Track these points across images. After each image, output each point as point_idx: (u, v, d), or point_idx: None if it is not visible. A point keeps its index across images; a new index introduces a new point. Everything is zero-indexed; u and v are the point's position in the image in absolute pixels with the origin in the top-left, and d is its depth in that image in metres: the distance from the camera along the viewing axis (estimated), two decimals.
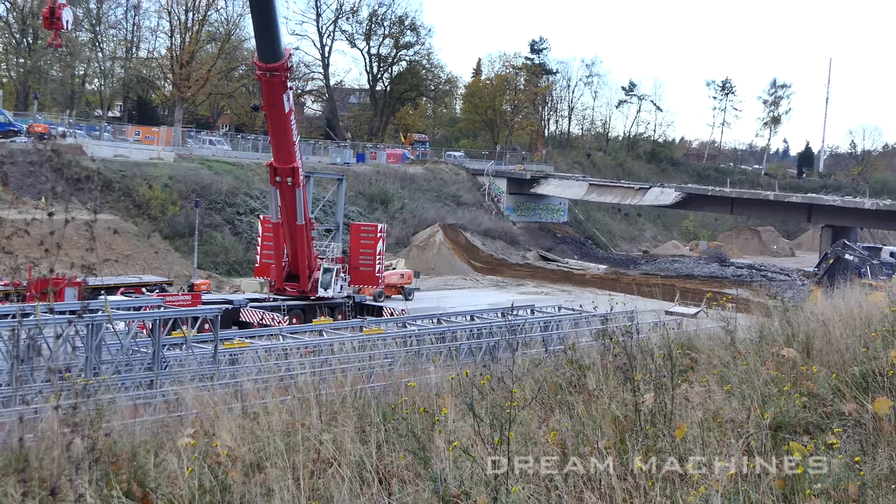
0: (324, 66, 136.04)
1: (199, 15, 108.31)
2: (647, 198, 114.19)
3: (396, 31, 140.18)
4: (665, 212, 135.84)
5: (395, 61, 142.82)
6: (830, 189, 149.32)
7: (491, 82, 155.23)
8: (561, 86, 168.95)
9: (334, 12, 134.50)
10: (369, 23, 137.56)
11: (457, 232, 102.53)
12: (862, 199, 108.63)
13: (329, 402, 10.78)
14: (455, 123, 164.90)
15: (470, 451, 7.83)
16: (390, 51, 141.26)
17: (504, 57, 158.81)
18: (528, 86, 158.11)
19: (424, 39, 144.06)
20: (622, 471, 7.72)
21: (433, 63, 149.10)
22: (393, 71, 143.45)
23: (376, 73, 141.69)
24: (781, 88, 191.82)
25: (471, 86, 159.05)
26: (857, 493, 7.40)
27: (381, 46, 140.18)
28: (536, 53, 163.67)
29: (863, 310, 13.67)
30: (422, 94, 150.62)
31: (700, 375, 11.16)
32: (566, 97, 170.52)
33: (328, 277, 58.30)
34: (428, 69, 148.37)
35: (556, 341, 34.54)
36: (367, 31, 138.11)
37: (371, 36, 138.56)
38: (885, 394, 9.49)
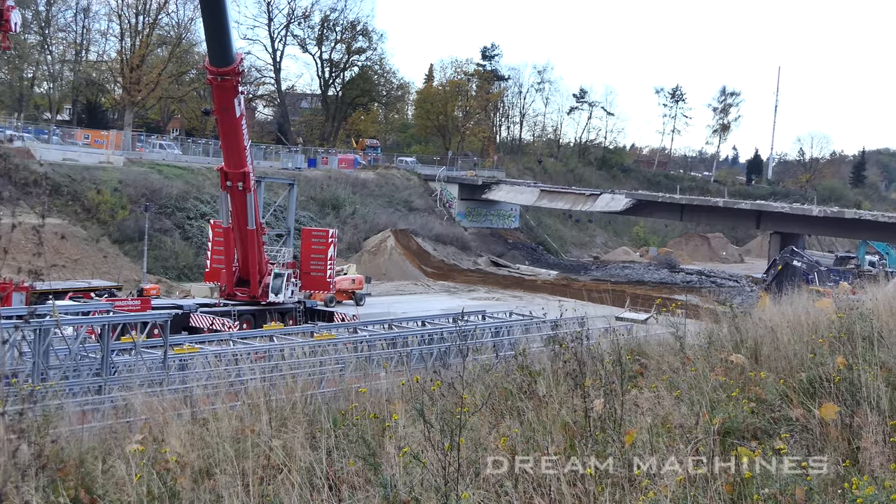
0: (275, 71, 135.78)
1: (149, 18, 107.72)
2: (597, 204, 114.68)
3: (348, 37, 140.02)
4: (616, 218, 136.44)
5: (346, 66, 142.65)
6: (779, 196, 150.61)
7: (443, 88, 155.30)
8: (513, 92, 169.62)
9: (286, 17, 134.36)
10: (321, 28, 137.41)
11: (408, 237, 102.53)
12: (810, 207, 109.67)
13: (279, 408, 10.75)
14: (407, 129, 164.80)
15: (420, 457, 7.83)
16: (342, 56, 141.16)
17: (456, 63, 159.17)
18: (480, 92, 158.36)
19: (376, 45, 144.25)
20: (572, 476, 7.74)
21: (385, 69, 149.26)
22: (345, 76, 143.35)
23: (328, 79, 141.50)
24: (731, 96, 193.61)
25: (423, 91, 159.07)
26: (804, 498, 7.47)
27: (332, 51, 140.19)
28: (488, 60, 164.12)
29: (810, 316, 13.78)
30: (374, 100, 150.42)
31: (649, 381, 11.21)
32: (518, 103, 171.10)
33: (279, 282, 58.06)
34: (380, 75, 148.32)
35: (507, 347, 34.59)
36: (318, 36, 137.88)
37: (323, 41, 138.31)
38: (831, 399, 9.58)
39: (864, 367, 9.92)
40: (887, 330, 12.97)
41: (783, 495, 7.51)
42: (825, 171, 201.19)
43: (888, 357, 11.45)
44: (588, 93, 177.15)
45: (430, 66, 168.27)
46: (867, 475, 7.74)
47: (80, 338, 32.80)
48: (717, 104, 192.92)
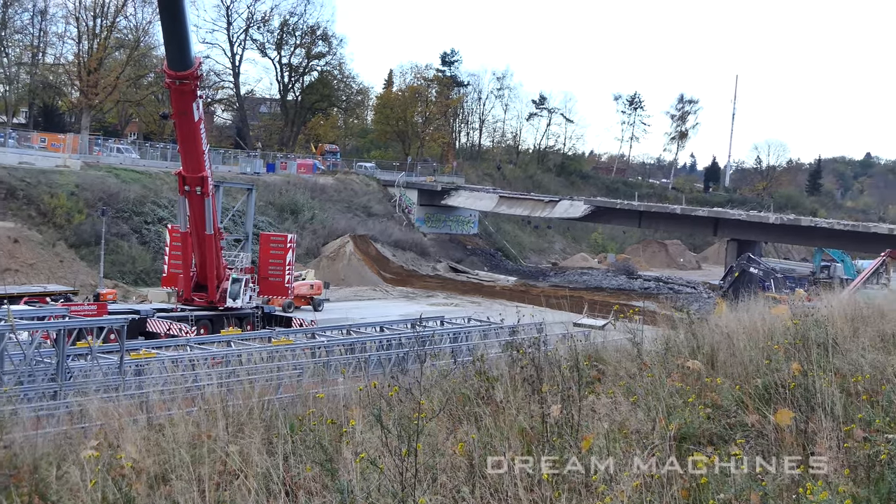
0: (234, 75, 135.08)
1: (107, 21, 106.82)
2: (556, 210, 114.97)
3: (308, 41, 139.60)
4: (574, 224, 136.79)
5: (306, 71, 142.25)
6: (736, 203, 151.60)
7: (402, 94, 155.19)
8: (472, 98, 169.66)
9: (245, 21, 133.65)
10: (281, 32, 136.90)
11: (367, 243, 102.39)
12: (767, 214, 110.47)
13: (236, 414, 10.72)
14: (366, 134, 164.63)
15: (377, 463, 7.83)
16: (302, 60, 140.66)
17: (416, 68, 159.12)
18: (440, 98, 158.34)
19: (336, 50, 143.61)
20: (529, 481, 7.75)
21: (345, 73, 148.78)
22: (304, 81, 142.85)
23: (287, 83, 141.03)
24: (689, 104, 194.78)
25: (382, 97, 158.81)
26: (760, 503, 7.51)
27: (292, 56, 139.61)
28: (448, 66, 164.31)
29: (766, 323, 13.88)
30: (333, 105, 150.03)
31: (607, 387, 11.25)
32: (477, 109, 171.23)
33: (237, 288, 57.82)
34: (340, 79, 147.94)
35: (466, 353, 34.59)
36: (278, 40, 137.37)
37: (282, 45, 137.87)
38: (786, 405, 9.65)
39: (818, 374, 10.00)
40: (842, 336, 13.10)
41: (738, 500, 7.56)
42: (782, 179, 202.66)
43: (842, 363, 11.56)
44: (547, 99, 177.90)
45: (389, 72, 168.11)
46: (821, 480, 7.80)
47: (35, 343, 32.50)
48: (675, 112, 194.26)
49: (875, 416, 9.35)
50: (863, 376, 10.78)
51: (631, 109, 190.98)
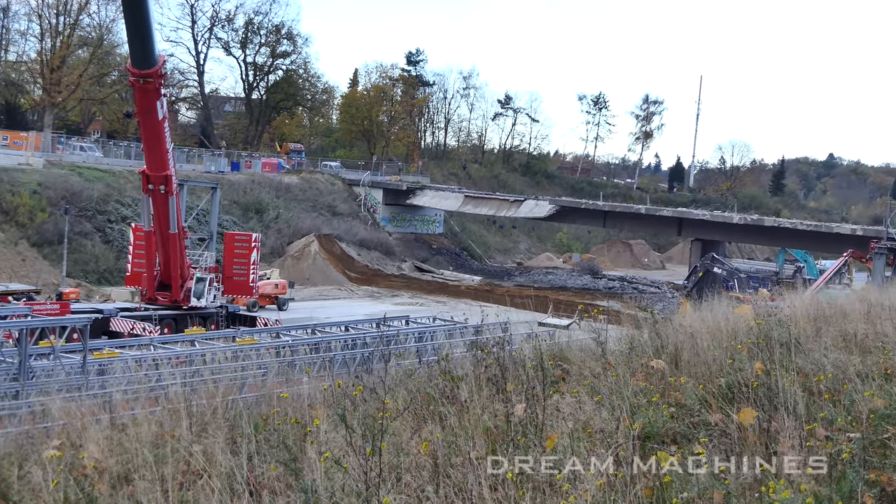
0: (199, 74, 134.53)
1: (70, 19, 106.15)
2: (521, 210, 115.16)
3: (273, 40, 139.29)
4: (539, 224, 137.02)
5: (271, 70, 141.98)
6: (700, 203, 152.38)
7: (368, 93, 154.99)
8: (437, 97, 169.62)
9: (210, 20, 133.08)
10: (245, 31, 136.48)
11: (332, 242, 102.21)
12: (730, 214, 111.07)
13: (200, 413, 10.68)
14: (331, 133, 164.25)
15: (342, 462, 7.81)
16: (266, 59, 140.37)
17: (381, 68, 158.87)
18: (405, 97, 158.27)
19: (301, 49, 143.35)
20: (493, 481, 7.76)
21: (310, 73, 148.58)
22: (269, 80, 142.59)
23: (252, 82, 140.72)
24: (654, 104, 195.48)
25: (347, 96, 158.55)
26: (723, 502, 7.54)
27: (257, 55, 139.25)
28: (413, 65, 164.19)
29: (729, 322, 13.95)
30: (298, 104, 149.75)
31: (571, 386, 11.26)
32: (443, 109, 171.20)
33: (201, 287, 57.62)
34: (304, 79, 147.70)
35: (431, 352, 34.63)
36: (243, 39, 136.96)
37: (247, 44, 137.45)
38: (749, 404, 9.69)
39: (781, 373, 10.05)
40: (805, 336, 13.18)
41: (702, 499, 7.58)
42: (745, 179, 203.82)
43: (805, 363, 11.63)
44: (513, 99, 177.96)
45: (354, 71, 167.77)
46: (784, 479, 7.84)
47: None
48: (640, 112, 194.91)
49: (837, 415, 9.41)
50: (825, 376, 10.85)
51: (595, 109, 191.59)
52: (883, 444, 8.83)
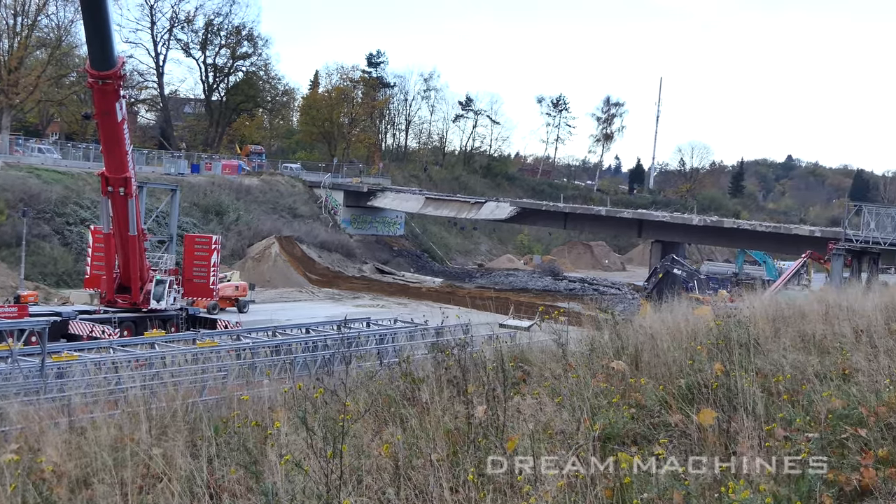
0: (158, 75, 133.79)
1: (28, 20, 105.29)
2: (482, 212, 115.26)
3: (233, 42, 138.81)
4: (500, 226, 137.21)
5: (231, 71, 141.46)
6: (660, 205, 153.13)
7: (328, 95, 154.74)
8: (398, 99, 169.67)
9: (169, 21, 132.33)
10: (205, 32, 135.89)
11: (293, 244, 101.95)
12: (690, 216, 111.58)
13: (160, 417, 10.63)
14: (292, 135, 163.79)
15: (302, 465, 7.79)
16: (227, 61, 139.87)
17: (342, 69, 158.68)
18: (366, 99, 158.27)
19: (261, 50, 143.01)
20: (454, 483, 7.76)
21: (270, 74, 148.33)
22: (229, 81, 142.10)
23: (212, 83, 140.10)
24: (614, 106, 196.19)
25: (308, 98, 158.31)
26: (683, 502, 7.58)
27: (217, 56, 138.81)
28: (374, 67, 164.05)
29: (689, 323, 14.02)
30: (258, 106, 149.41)
31: (532, 388, 11.28)
32: (403, 111, 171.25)
33: (161, 289, 57.35)
34: (265, 80, 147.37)
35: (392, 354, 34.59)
36: (202, 40, 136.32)
37: (207, 45, 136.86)
38: (709, 405, 9.75)
39: (740, 374, 10.11)
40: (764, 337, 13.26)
41: (662, 500, 7.62)
42: (705, 181, 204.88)
43: (764, 363, 11.71)
44: (473, 101, 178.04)
45: (315, 73, 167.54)
46: (743, 479, 7.89)
47: None
48: (600, 114, 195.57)
49: (795, 416, 9.48)
50: (784, 376, 10.93)
51: (556, 112, 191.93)
52: (841, 444, 8.91)
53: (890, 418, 9.48)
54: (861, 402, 9.90)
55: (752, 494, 7.41)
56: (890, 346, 12.79)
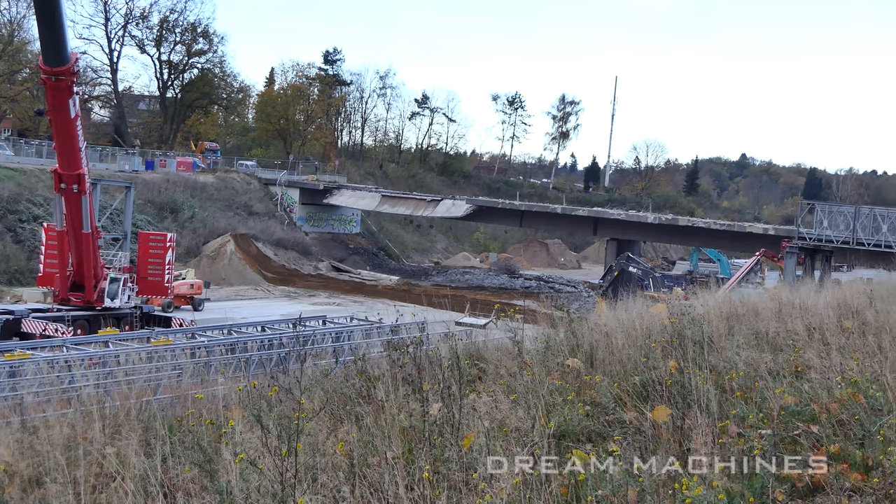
0: (112, 72, 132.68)
1: None
2: (438, 210, 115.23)
3: (188, 38, 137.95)
4: (456, 224, 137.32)
5: (186, 68, 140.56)
6: (616, 203, 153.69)
7: (284, 92, 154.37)
8: (354, 97, 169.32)
9: (124, 17, 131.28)
10: (160, 29, 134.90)
11: (248, 242, 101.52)
12: (645, 214, 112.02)
13: (113, 415, 10.57)
14: (247, 132, 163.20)
15: (257, 463, 7.77)
16: (182, 58, 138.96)
17: (298, 67, 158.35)
18: (322, 96, 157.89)
19: (217, 47, 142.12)
20: (409, 480, 7.76)
21: (226, 71, 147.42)
22: (184, 78, 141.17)
23: (167, 80, 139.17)
24: (570, 105, 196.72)
25: (264, 95, 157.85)
26: (637, 499, 7.61)
27: (172, 53, 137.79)
28: (330, 64, 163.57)
29: (644, 321, 14.09)
30: (213, 102, 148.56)
31: (488, 385, 11.31)
32: (360, 108, 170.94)
33: (115, 287, 56.95)
34: (220, 77, 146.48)
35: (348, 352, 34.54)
36: (157, 37, 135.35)
37: (162, 42, 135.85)
38: (663, 402, 9.80)
39: (694, 371, 10.18)
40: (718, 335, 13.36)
41: (616, 497, 7.65)
42: (660, 179, 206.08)
43: (718, 361, 11.80)
44: (430, 99, 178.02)
45: (271, 70, 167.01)
46: (697, 476, 7.94)
47: None
48: (556, 112, 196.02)
49: (749, 412, 9.56)
50: (737, 373, 11.02)
51: (511, 110, 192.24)
52: (793, 440, 8.99)
53: (842, 415, 9.57)
54: (813, 399, 10.00)
55: (706, 491, 7.45)
56: (842, 343, 12.92)
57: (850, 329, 14.00)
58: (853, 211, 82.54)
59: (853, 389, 10.16)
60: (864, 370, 11.16)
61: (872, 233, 78.14)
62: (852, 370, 11.16)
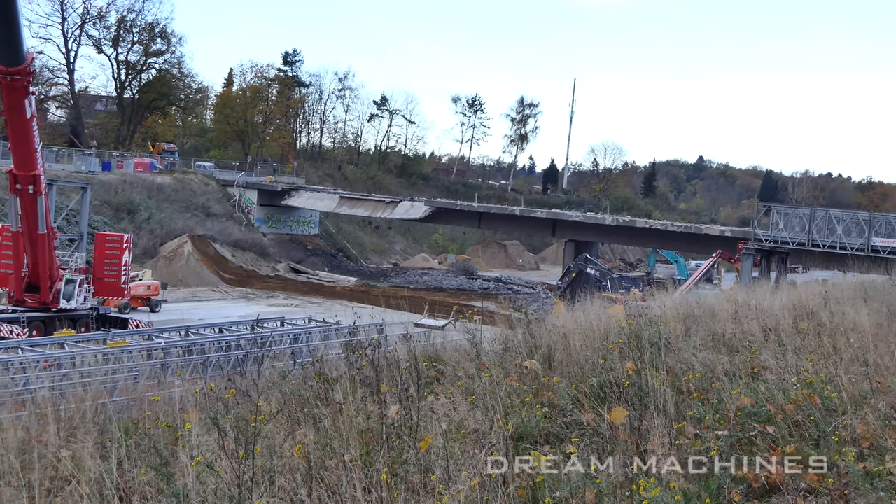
0: (69, 72, 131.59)
1: None
2: (397, 211, 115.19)
3: (146, 39, 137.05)
4: (415, 225, 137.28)
5: (144, 69, 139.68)
6: (574, 205, 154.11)
7: (243, 93, 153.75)
8: (313, 98, 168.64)
9: (81, 17, 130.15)
10: (118, 29, 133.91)
11: (206, 243, 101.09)
12: (603, 216, 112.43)
13: (68, 418, 10.50)
14: (206, 133, 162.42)
15: (214, 466, 7.73)
16: (139, 58, 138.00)
17: (256, 68, 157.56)
18: (281, 97, 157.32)
19: (175, 48, 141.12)
20: (367, 483, 7.74)
21: (184, 72, 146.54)
22: (142, 78, 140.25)
23: (124, 81, 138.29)
24: (529, 107, 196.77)
25: (222, 96, 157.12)
26: (594, 500, 7.63)
27: (129, 53, 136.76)
28: (289, 65, 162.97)
29: (602, 323, 14.15)
30: (171, 103, 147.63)
31: (446, 387, 11.32)
32: (318, 110, 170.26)
33: (71, 288, 56.54)
34: (178, 78, 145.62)
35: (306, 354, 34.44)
36: (115, 37, 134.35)
37: (119, 42, 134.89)
38: (621, 404, 9.84)
39: (651, 373, 10.22)
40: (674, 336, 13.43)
41: (574, 498, 7.67)
42: (618, 181, 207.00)
43: (675, 362, 11.86)
44: (389, 100, 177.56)
45: (229, 71, 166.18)
46: (654, 477, 7.97)
47: None
48: (515, 114, 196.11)
49: (705, 414, 9.61)
50: (694, 375, 11.08)
51: (471, 112, 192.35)
52: (750, 441, 9.05)
53: (797, 416, 9.65)
54: (769, 400, 10.08)
55: (663, 492, 7.48)
56: (797, 344, 13.02)
57: (805, 330, 14.12)
58: (808, 213, 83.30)
59: (808, 390, 10.24)
60: (819, 371, 11.27)
61: (827, 234, 78.85)
62: (807, 371, 11.27)
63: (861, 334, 13.54)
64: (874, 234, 76.66)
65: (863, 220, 79.13)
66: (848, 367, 11.44)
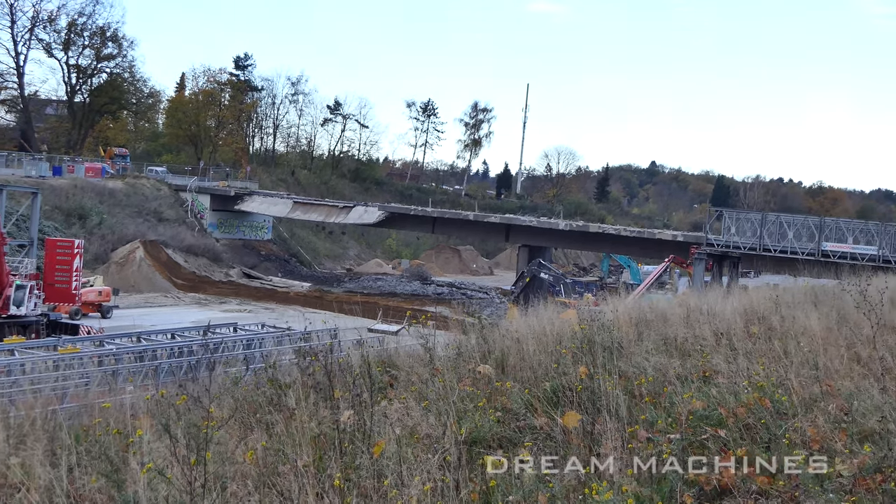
0: (18, 76, 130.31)
1: None
2: (351, 216, 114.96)
3: (97, 42, 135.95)
4: (369, 230, 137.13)
5: (95, 73, 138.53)
6: (527, 210, 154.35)
7: (195, 97, 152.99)
8: (266, 103, 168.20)
9: (30, 20, 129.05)
10: (68, 32, 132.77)
11: (158, 248, 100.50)
12: (556, 221, 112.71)
13: (18, 425, 10.40)
14: (158, 138, 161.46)
15: (165, 473, 7.68)
16: (90, 62, 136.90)
17: (209, 72, 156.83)
18: (233, 102, 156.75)
19: (126, 51, 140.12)
20: (320, 488, 7.72)
21: (135, 76, 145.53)
22: (93, 82, 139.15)
23: (75, 85, 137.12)
24: (482, 112, 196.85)
25: (174, 100, 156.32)
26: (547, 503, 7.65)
27: (80, 57, 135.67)
28: (242, 70, 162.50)
29: (555, 327, 14.17)
30: (123, 108, 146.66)
31: (399, 392, 11.31)
32: (271, 114, 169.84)
33: (21, 295, 56.07)
34: (130, 82, 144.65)
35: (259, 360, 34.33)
36: (65, 40, 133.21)
37: (70, 46, 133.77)
38: (574, 408, 9.86)
39: (604, 377, 10.25)
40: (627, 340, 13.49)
41: (527, 502, 7.69)
42: (571, 186, 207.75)
43: (627, 366, 11.91)
44: (342, 105, 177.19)
45: (182, 75, 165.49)
46: (606, 481, 8.00)
47: None
48: (468, 119, 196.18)
49: (658, 417, 9.66)
50: (646, 379, 11.13)
51: (424, 116, 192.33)
52: (702, 444, 9.09)
53: (748, 419, 9.71)
54: (720, 404, 10.14)
55: (615, 495, 7.51)
56: (749, 348, 13.11)
57: (756, 334, 14.22)
58: (760, 218, 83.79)
59: (759, 394, 10.32)
60: (769, 375, 11.35)
61: (778, 239, 79.37)
62: (758, 375, 11.35)
63: (811, 338, 13.65)
64: (824, 238, 77.27)
65: (813, 225, 79.73)
66: (798, 370, 11.53)
